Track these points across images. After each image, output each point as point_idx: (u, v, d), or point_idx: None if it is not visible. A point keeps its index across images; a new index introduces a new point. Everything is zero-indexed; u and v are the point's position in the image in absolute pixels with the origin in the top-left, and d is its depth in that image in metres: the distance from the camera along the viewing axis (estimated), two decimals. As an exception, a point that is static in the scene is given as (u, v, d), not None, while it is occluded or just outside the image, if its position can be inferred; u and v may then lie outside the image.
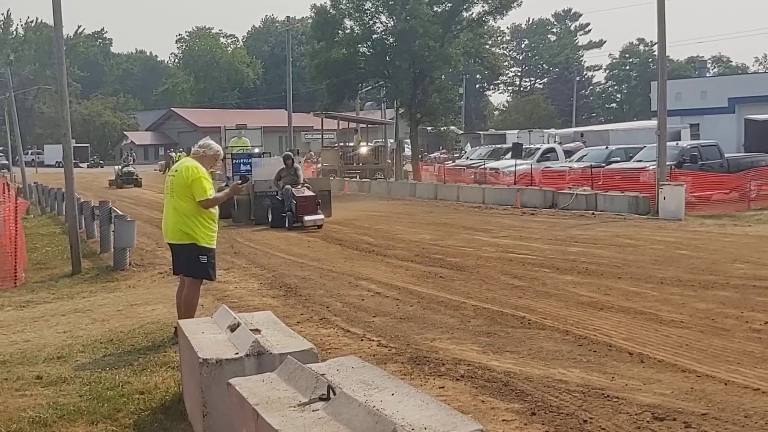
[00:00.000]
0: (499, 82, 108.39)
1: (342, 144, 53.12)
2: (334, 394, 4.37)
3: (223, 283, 10.94)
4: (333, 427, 4.04)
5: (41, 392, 7.66)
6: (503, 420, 6.43)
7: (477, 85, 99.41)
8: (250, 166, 27.45)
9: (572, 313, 10.49)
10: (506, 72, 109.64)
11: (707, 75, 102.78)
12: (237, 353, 5.78)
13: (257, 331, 6.12)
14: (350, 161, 49.56)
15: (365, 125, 57.39)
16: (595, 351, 8.59)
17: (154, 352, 9.08)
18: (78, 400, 7.31)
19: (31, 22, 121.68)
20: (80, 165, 76.41)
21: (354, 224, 24.05)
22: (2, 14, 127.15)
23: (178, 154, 76.54)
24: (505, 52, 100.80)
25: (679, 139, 37.44)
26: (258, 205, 24.26)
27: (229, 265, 15.63)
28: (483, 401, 6.93)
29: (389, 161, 49.88)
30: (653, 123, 31.83)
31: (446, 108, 60.56)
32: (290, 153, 27.13)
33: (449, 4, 57.22)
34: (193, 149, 10.13)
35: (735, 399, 6.80)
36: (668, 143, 26.82)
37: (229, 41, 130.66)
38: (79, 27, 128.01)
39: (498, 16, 61.17)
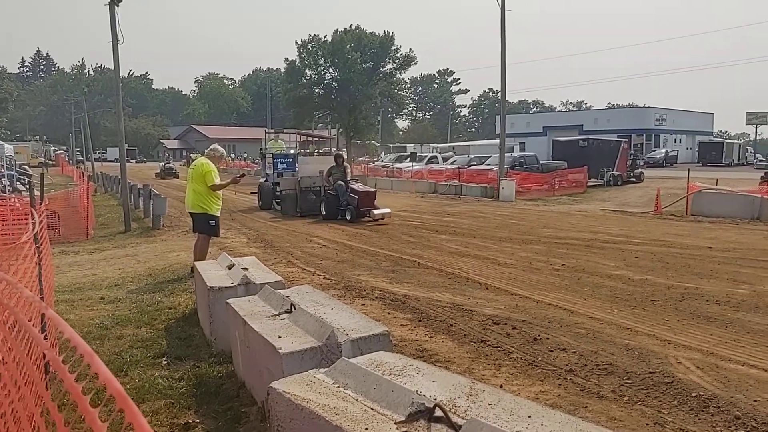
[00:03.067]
0: (403, 113, 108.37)
1: (301, 150, 52.44)
2: (295, 309, 4.36)
3: (224, 238, 10.79)
4: (293, 329, 4.03)
5: (104, 308, 7.48)
6: (401, 325, 6.47)
7: (389, 115, 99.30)
8: (287, 165, 21.41)
9: (445, 259, 10.59)
10: (407, 107, 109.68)
11: (530, 112, 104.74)
12: (232, 283, 5.73)
13: (246, 269, 6.07)
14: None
15: (317, 139, 57.01)
16: (458, 282, 8.69)
17: (179, 282, 8.93)
18: (128, 312, 7.17)
19: (99, 66, 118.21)
20: (130, 161, 75.32)
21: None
22: (78, 61, 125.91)
23: (195, 154, 75.34)
24: (406, 94, 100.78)
25: (512, 152, 37.98)
26: (303, 199, 18.54)
27: (228, 227, 15.42)
28: (389, 313, 6.96)
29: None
30: (497, 141, 32.20)
31: (369, 129, 60.92)
32: (340, 152, 21.06)
33: (372, 63, 57.54)
34: (206, 152, 10.01)
35: (542, 311, 6.94)
36: (506, 154, 27.22)
37: (229, 82, 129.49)
38: (130, 70, 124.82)
39: (402, 71, 61.58)
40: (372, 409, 2.61)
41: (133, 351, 5.64)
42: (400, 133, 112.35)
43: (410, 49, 59.94)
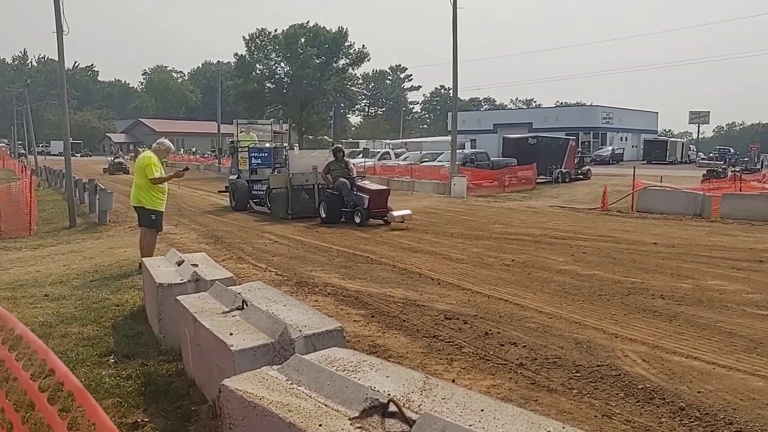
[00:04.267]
0: (355, 109, 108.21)
1: (278, 144, 51.73)
2: (247, 305, 4.30)
3: (173, 234, 10.56)
4: (245, 326, 3.98)
5: (48, 305, 7.26)
6: (354, 321, 6.46)
7: (341, 111, 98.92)
8: (262, 160, 19.27)
9: (398, 254, 10.62)
10: (360, 103, 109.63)
11: (481, 109, 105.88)
12: (182, 279, 5.62)
13: (195, 265, 5.97)
14: None
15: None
16: (411, 277, 8.72)
17: (126, 278, 8.73)
18: (73, 310, 6.96)
19: (42, 57, 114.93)
20: (75, 155, 73.55)
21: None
22: (20, 52, 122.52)
23: (143, 148, 73.61)
24: (359, 90, 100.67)
25: (464, 148, 38.34)
26: (295, 199, 16.13)
27: (176, 223, 15.14)
28: (342, 309, 6.95)
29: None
30: (449, 138, 32.47)
31: (321, 124, 60.79)
32: (340, 146, 18.72)
33: (325, 58, 57.37)
34: (153, 145, 9.90)
35: (493, 306, 7.02)
36: (457, 151, 27.44)
37: (178, 75, 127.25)
38: (75, 62, 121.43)
39: (355, 67, 61.60)
40: (326, 405, 2.59)
41: (79, 349, 5.49)
42: (353, 128, 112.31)
43: (363, 45, 60.20)
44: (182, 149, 72.87)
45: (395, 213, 14.63)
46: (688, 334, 5.85)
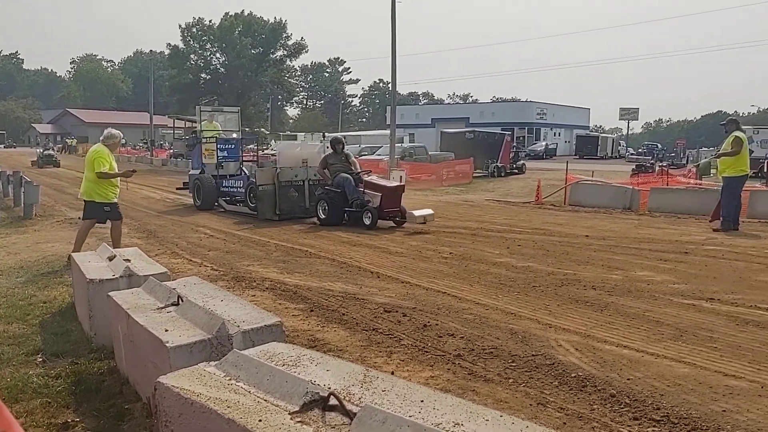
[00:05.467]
0: (293, 101, 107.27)
1: (187, 137, 50.57)
2: (182, 301, 4.22)
3: (104, 228, 10.18)
4: (181, 322, 3.91)
5: (-31, 304, 6.94)
6: (293, 315, 6.42)
7: (279, 103, 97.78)
8: (228, 152, 17.24)
9: (337, 248, 10.60)
10: (298, 95, 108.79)
11: (420, 104, 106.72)
12: (114, 275, 5.47)
13: (128, 260, 5.81)
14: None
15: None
16: (350, 271, 8.72)
17: (53, 275, 8.42)
18: (-3, 308, 6.69)
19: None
20: (-1, 146, 71.08)
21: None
22: None
23: (71, 140, 71.06)
24: (297, 82, 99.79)
25: (402, 142, 38.58)
26: (283, 198, 14.37)
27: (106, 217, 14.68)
28: (280, 303, 6.89)
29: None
30: (387, 132, 32.57)
31: (258, 117, 59.94)
32: (340, 137, 16.67)
33: (261, 49, 56.70)
34: (101, 138, 9.57)
35: (432, 299, 7.09)
36: (396, 144, 27.59)
37: (108, 64, 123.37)
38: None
39: (293, 59, 61.13)
40: (265, 400, 2.57)
41: (4, 348, 5.27)
42: (291, 121, 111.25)
43: (302, 38, 59.68)
44: (124, 141, 70.60)
45: (416, 213, 12.97)
46: (619, 324, 6.06)
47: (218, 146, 17.17)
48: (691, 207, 15.18)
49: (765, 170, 26.07)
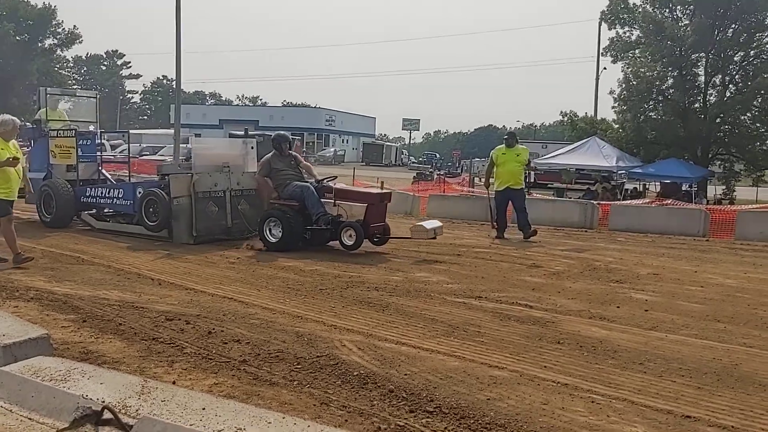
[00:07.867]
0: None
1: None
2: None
3: None
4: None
5: None
6: (63, 327, 5.94)
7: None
8: (83, 150, 13.22)
9: (114, 254, 9.99)
10: (70, 88, 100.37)
11: (207, 104, 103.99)
12: None
13: None
14: None
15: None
16: (128, 278, 8.29)
17: None
18: None
19: None
20: None
21: None
22: None
23: None
24: (69, 74, 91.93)
25: (188, 143, 37.39)
26: (201, 214, 11.07)
27: None
28: (48, 315, 6.34)
29: None
30: (171, 131, 31.36)
31: (24, 109, 54.33)
32: (285, 134, 12.34)
33: (28, 36, 51.82)
34: None
35: (218, 305, 6.98)
36: (181, 145, 26.67)
37: None
38: None
39: (65, 48, 56.58)
40: (30, 419, 2.40)
41: None
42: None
43: (74, 26, 55.27)
44: None
45: (426, 225, 11.01)
46: (398, 322, 6.44)
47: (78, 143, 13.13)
48: (464, 213, 16.54)
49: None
